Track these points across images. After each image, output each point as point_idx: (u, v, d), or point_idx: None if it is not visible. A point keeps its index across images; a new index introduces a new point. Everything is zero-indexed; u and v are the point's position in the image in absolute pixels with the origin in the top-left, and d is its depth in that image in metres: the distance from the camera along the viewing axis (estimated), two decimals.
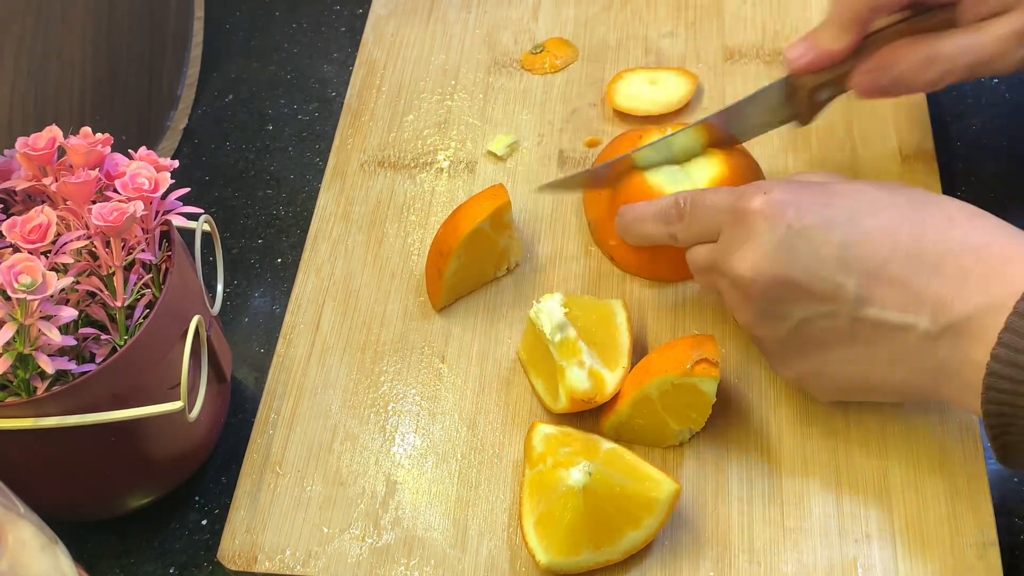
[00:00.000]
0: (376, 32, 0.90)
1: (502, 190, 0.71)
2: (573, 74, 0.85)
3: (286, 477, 0.67)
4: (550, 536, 0.61)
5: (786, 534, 0.62)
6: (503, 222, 0.71)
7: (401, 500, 0.65)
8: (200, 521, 0.68)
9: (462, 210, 0.72)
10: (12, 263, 0.53)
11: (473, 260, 0.71)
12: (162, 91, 0.87)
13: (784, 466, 0.64)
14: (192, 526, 0.68)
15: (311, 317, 0.74)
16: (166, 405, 0.58)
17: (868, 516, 0.62)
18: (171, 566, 0.66)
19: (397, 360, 0.71)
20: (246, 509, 0.66)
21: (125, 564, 0.67)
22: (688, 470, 0.65)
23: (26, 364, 0.55)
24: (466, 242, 0.70)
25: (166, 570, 0.66)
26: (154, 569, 0.66)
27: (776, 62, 0.84)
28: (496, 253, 0.73)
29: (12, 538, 0.45)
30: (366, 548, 0.64)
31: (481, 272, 0.73)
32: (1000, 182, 0.78)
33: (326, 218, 0.79)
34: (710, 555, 0.62)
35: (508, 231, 0.72)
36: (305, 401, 0.70)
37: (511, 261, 0.74)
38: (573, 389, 0.64)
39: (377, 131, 0.83)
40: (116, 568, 0.67)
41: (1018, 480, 0.65)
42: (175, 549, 0.67)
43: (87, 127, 0.61)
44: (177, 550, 0.67)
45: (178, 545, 0.67)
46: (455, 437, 0.68)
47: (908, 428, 0.65)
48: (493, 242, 0.72)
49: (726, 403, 0.67)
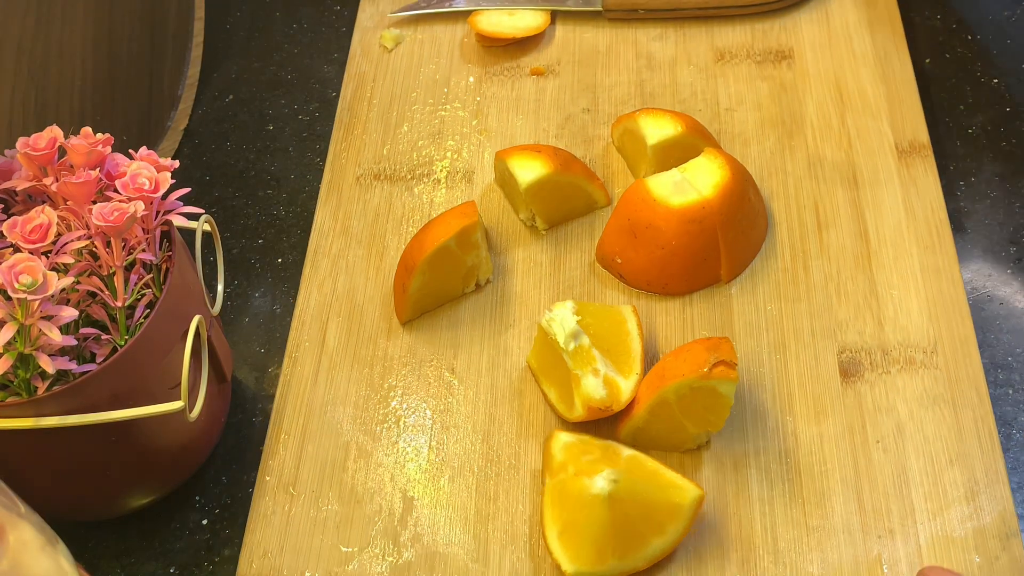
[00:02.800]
0: (363, 45, 0.89)
1: (472, 208, 0.71)
2: (564, 80, 0.85)
3: (300, 497, 0.66)
4: (576, 546, 0.60)
5: (809, 533, 0.62)
6: (471, 241, 0.71)
7: (419, 516, 0.65)
8: (200, 521, 0.67)
9: (430, 227, 0.71)
10: (13, 263, 0.53)
11: (438, 277, 0.71)
12: (162, 91, 0.86)
13: (803, 465, 0.64)
14: (192, 526, 0.67)
15: (316, 334, 0.73)
16: (166, 405, 0.58)
17: (890, 512, 0.62)
18: (171, 566, 0.66)
19: (406, 374, 0.71)
20: (262, 531, 0.65)
21: (125, 564, 0.66)
22: (707, 473, 0.65)
23: (27, 364, 0.55)
24: (430, 260, 0.69)
25: (166, 570, 0.66)
26: (154, 569, 0.66)
27: (766, 62, 0.84)
28: (463, 271, 0.72)
29: (13, 538, 0.45)
30: (387, 566, 0.63)
31: (447, 289, 0.73)
32: (1000, 182, 0.79)
33: (325, 233, 0.78)
34: (735, 558, 0.62)
35: (476, 250, 0.71)
36: (315, 420, 0.69)
37: (480, 278, 0.73)
38: (589, 397, 0.64)
39: (371, 144, 0.83)
40: (116, 568, 0.66)
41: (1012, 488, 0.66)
42: (175, 549, 0.66)
43: (88, 127, 0.61)
44: (177, 550, 0.66)
45: (178, 545, 0.67)
46: (470, 449, 0.67)
47: (923, 423, 0.65)
48: (459, 260, 0.71)
49: (741, 405, 0.67)
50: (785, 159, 0.78)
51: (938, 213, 0.74)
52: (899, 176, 0.76)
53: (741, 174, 0.72)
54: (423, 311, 0.73)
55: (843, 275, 0.72)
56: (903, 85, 0.81)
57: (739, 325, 0.70)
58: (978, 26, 0.89)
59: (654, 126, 0.74)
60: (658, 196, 0.70)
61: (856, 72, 0.82)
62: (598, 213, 0.77)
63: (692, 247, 0.70)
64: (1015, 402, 0.69)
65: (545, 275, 0.74)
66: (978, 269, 0.75)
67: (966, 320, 0.69)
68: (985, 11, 0.90)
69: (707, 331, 0.71)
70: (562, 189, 0.74)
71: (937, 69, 0.86)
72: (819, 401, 0.67)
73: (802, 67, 0.83)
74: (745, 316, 0.71)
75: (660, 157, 0.74)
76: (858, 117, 0.80)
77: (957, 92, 0.84)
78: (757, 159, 0.78)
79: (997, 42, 0.88)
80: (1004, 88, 0.84)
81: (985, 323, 0.72)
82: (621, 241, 0.71)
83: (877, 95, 0.81)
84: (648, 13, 0.87)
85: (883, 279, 0.72)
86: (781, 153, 0.79)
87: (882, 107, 0.80)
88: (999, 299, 0.74)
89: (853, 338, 0.69)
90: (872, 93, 0.81)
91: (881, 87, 0.81)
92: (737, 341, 0.70)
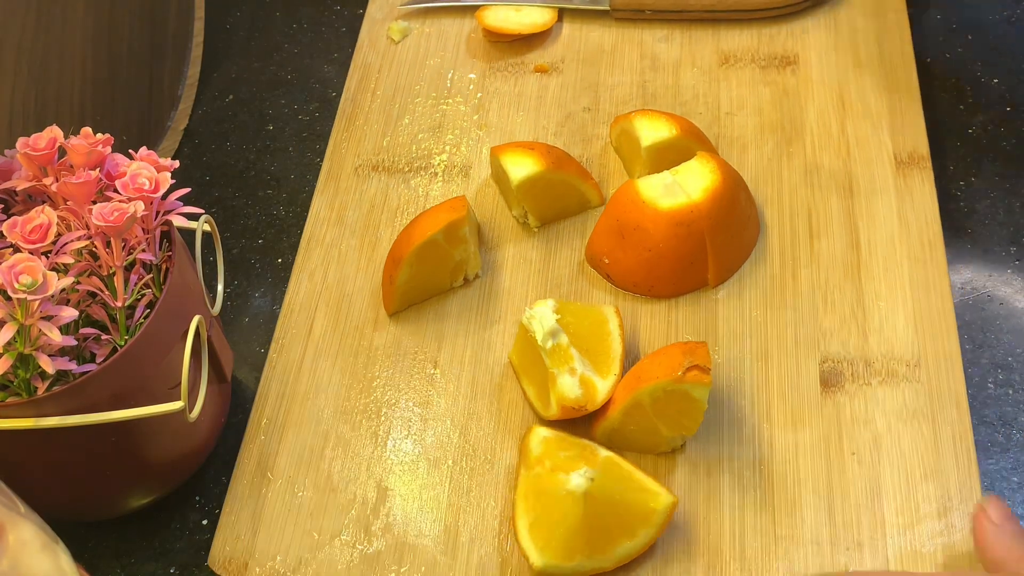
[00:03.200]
0: (371, 36, 0.90)
1: (461, 203, 0.71)
2: (568, 78, 0.85)
3: (277, 483, 0.67)
4: (545, 539, 0.60)
5: (777, 542, 0.62)
6: (458, 236, 0.71)
7: (392, 506, 0.65)
8: (200, 521, 0.68)
9: (418, 220, 0.72)
10: (13, 263, 0.53)
11: (425, 270, 0.71)
12: (162, 91, 0.87)
13: (776, 474, 0.64)
14: (192, 526, 0.68)
15: (303, 322, 0.73)
16: (166, 405, 0.58)
17: (860, 524, 0.62)
18: (171, 566, 0.66)
19: (389, 365, 0.71)
20: (237, 515, 0.66)
21: (125, 564, 0.67)
22: (680, 477, 0.65)
23: (27, 364, 0.55)
24: (417, 252, 0.70)
25: (166, 570, 0.66)
26: (154, 569, 0.66)
27: (771, 67, 0.83)
28: (451, 265, 0.72)
29: (13, 538, 0.45)
30: (357, 555, 0.64)
31: (435, 282, 0.73)
32: (1000, 182, 0.78)
33: (319, 223, 0.78)
34: (701, 563, 0.62)
35: (464, 244, 0.71)
36: (297, 407, 0.70)
37: (469, 273, 0.74)
38: (563, 396, 0.64)
39: (371, 135, 0.83)
40: (116, 568, 0.67)
41: (1012, 488, 0.65)
42: (175, 549, 0.67)
43: (87, 127, 0.61)
44: (177, 550, 0.67)
45: (178, 545, 0.67)
46: (447, 443, 0.68)
47: (901, 437, 0.65)
48: (447, 254, 0.71)
49: (719, 410, 0.67)
50: (782, 165, 0.78)
51: (932, 226, 0.74)
52: (895, 187, 0.76)
53: (732, 179, 0.71)
54: (410, 303, 0.73)
55: (831, 284, 0.72)
56: (906, 95, 0.80)
57: (723, 330, 0.70)
58: (978, 26, 0.88)
59: (649, 128, 0.74)
60: (647, 198, 0.70)
61: (860, 80, 0.82)
62: (591, 212, 0.77)
63: (679, 250, 0.70)
64: (1015, 402, 0.69)
65: (534, 272, 0.74)
66: (978, 269, 0.75)
67: (952, 335, 0.69)
68: (985, 11, 0.89)
69: (691, 335, 0.70)
70: (554, 187, 0.74)
71: (937, 69, 0.85)
72: (797, 410, 0.67)
73: (806, 73, 0.83)
74: (730, 322, 0.71)
75: (654, 159, 0.74)
76: (858, 126, 0.79)
77: (957, 92, 0.83)
78: (754, 164, 0.78)
79: (997, 42, 0.87)
80: (1004, 88, 0.83)
81: (985, 323, 0.72)
82: (610, 242, 0.72)
83: (879, 104, 0.80)
84: (655, 14, 0.87)
85: (871, 290, 0.71)
86: (779, 159, 0.78)
87: (883, 116, 0.79)
88: (999, 299, 0.73)
89: (836, 348, 0.69)
90: (874, 102, 0.80)
91: (884, 96, 0.81)
92: (720, 346, 0.70)
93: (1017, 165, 0.79)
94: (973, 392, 0.68)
